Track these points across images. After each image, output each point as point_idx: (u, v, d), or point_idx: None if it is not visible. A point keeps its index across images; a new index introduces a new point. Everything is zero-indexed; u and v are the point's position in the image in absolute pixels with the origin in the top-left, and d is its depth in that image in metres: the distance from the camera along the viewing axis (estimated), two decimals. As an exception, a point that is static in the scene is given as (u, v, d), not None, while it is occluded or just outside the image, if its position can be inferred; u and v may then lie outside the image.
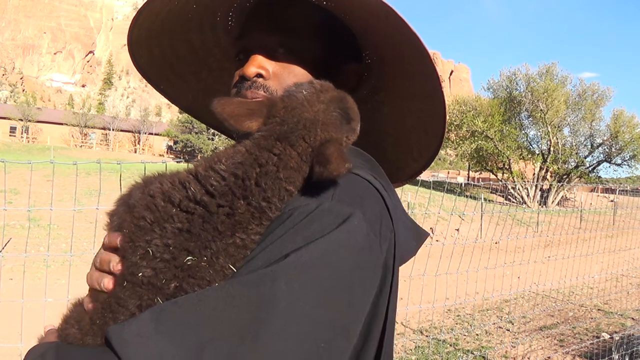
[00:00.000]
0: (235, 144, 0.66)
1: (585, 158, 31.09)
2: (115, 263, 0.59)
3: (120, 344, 0.47)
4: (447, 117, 0.81)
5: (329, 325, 0.53)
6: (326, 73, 0.76)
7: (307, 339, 0.51)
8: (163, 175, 0.64)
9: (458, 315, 6.38)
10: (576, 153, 30.89)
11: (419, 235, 0.83)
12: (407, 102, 0.83)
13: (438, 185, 17.76)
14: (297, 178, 0.63)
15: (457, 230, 13.26)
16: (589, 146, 31.08)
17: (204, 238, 0.58)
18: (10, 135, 51.24)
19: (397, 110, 0.86)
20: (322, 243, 0.56)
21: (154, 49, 0.87)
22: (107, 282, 0.59)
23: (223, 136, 0.82)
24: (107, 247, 0.63)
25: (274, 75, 0.75)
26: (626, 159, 30.33)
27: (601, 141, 30.45)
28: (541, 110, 28.82)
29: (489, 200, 21.30)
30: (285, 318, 0.51)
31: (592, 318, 6.27)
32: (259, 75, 0.75)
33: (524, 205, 26.00)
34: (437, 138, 0.82)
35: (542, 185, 28.98)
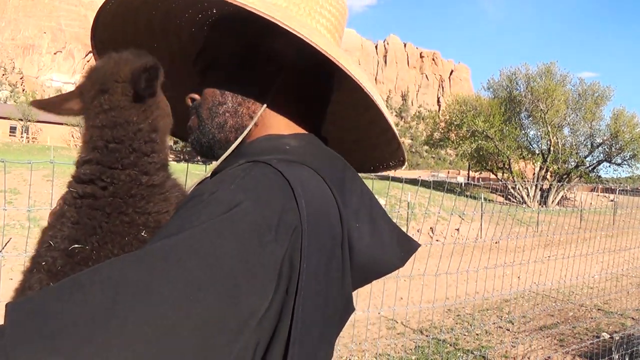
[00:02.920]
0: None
1: (585, 158, 31.08)
2: None
3: (7, 321, 0.49)
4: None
5: (197, 321, 0.49)
6: (246, 59, 0.77)
7: (168, 332, 0.47)
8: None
9: (458, 315, 6.39)
10: (576, 153, 30.88)
11: (408, 246, 0.81)
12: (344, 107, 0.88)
13: (438, 185, 17.74)
14: (136, 114, 0.69)
15: (457, 230, 13.26)
16: (589, 146, 31.07)
17: (90, 225, 0.63)
18: (10, 135, 51.20)
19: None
20: (199, 230, 0.52)
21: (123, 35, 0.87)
22: None
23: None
24: None
25: (202, 97, 0.79)
26: (626, 158, 30.31)
27: (601, 141, 30.44)
28: (541, 110, 28.81)
29: (489, 200, 21.29)
30: (146, 307, 0.47)
31: (592, 318, 6.26)
32: (193, 100, 0.81)
33: (524, 205, 25.99)
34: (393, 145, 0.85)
35: (542, 185, 28.96)
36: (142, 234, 0.63)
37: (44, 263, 0.63)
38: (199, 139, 0.79)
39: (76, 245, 0.62)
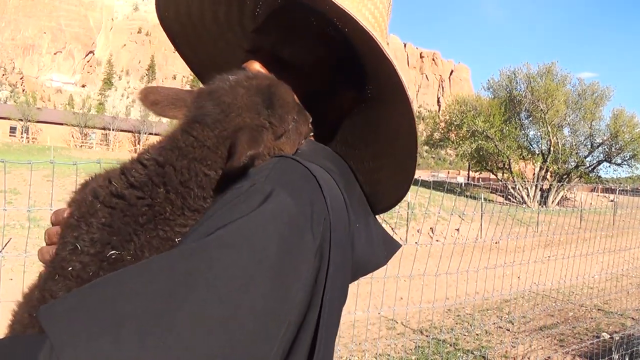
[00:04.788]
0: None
1: (585, 158, 31.09)
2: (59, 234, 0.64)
3: (47, 322, 0.48)
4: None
5: (253, 310, 0.50)
6: (321, 92, 0.80)
7: (226, 321, 0.48)
8: (104, 173, 0.65)
9: (458, 315, 6.38)
10: (576, 153, 30.89)
11: (391, 247, 0.84)
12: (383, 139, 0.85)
13: (438, 185, 17.75)
14: (214, 159, 0.63)
15: (457, 230, 13.26)
16: (589, 146, 31.08)
17: (125, 232, 0.58)
18: (10, 135, 51.17)
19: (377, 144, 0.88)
20: (244, 222, 0.54)
21: (181, 8, 0.87)
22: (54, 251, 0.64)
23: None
24: (55, 223, 0.67)
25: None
26: (626, 158, 30.31)
27: (601, 141, 30.45)
28: (541, 110, 28.81)
29: (489, 200, 21.28)
30: (204, 298, 0.48)
31: (592, 318, 6.26)
32: None
33: (524, 205, 25.98)
34: (409, 175, 0.82)
35: (542, 185, 28.97)
36: (177, 240, 0.61)
37: (70, 269, 0.57)
38: None
39: (113, 252, 0.57)
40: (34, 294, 0.62)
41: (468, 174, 42.03)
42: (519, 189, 28.44)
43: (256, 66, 0.78)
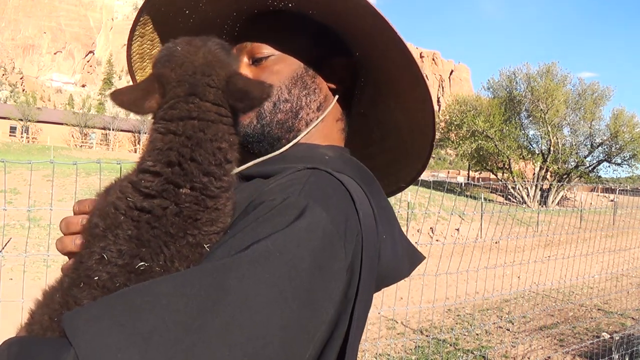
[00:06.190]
0: (149, 134, 0.64)
1: (585, 158, 31.10)
2: (83, 220, 0.63)
3: (71, 330, 0.48)
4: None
5: (281, 326, 0.50)
6: (311, 67, 0.79)
7: (255, 336, 0.48)
8: (116, 183, 0.63)
9: (458, 315, 6.38)
10: (576, 153, 30.90)
11: (414, 258, 0.83)
12: (394, 99, 0.85)
13: (438, 185, 17.75)
14: (222, 129, 0.61)
15: (457, 230, 13.26)
16: (589, 146, 31.09)
17: (155, 244, 0.57)
18: (10, 135, 51.14)
19: (387, 106, 0.88)
20: (279, 237, 0.53)
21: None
22: (78, 241, 0.62)
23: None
24: (78, 213, 0.66)
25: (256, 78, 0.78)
26: (626, 158, 30.33)
27: (601, 141, 30.46)
28: (541, 110, 28.82)
29: (489, 200, 21.29)
30: (234, 312, 0.48)
31: (592, 318, 6.27)
32: None
33: (524, 205, 25.99)
34: (428, 139, 0.83)
35: (542, 185, 28.98)
36: (207, 247, 0.59)
37: (96, 278, 0.56)
38: (252, 129, 0.77)
39: (143, 263, 0.56)
40: (55, 296, 0.60)
41: (468, 173, 42.04)
42: (519, 188, 28.44)
43: (242, 66, 0.78)
